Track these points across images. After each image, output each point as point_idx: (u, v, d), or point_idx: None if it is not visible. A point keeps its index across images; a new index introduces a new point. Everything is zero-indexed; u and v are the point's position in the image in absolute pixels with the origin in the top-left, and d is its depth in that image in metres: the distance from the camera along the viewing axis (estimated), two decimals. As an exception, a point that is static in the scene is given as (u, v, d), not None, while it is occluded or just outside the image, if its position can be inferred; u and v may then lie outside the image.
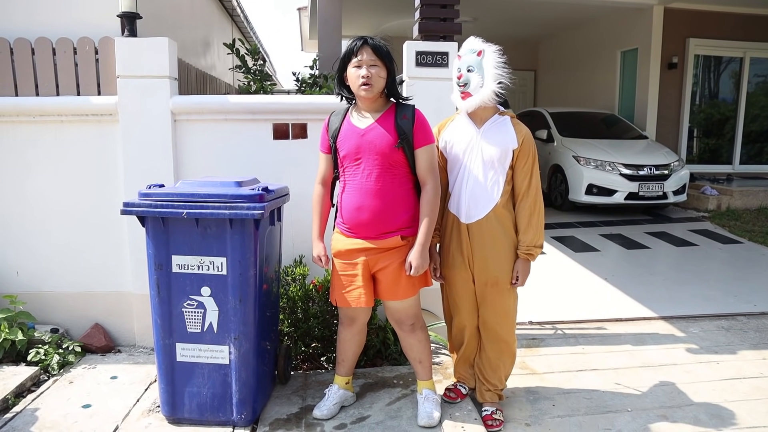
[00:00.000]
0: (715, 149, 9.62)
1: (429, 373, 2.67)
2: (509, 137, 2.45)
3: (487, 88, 2.39)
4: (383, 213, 2.36)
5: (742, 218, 7.13)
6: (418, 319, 2.58)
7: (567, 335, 3.71)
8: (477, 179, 2.47)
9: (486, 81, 2.39)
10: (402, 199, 2.39)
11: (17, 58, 3.30)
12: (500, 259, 2.49)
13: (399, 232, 2.39)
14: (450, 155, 2.56)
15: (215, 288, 2.41)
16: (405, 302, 2.48)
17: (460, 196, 2.52)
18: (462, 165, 2.51)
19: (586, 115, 8.99)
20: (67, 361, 3.12)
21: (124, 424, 2.54)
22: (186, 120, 3.26)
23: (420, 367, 2.65)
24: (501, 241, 2.49)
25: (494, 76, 2.40)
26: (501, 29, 11.48)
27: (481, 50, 2.42)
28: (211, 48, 7.15)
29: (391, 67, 2.37)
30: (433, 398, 2.61)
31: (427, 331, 2.66)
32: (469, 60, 2.42)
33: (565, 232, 6.54)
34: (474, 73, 2.39)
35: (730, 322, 3.93)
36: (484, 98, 2.41)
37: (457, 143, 2.52)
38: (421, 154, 2.37)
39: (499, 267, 2.50)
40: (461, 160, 2.51)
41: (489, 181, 2.46)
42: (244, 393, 2.49)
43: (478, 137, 2.48)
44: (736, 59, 9.40)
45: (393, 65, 2.38)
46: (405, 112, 2.37)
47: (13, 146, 3.30)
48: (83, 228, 3.36)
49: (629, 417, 2.71)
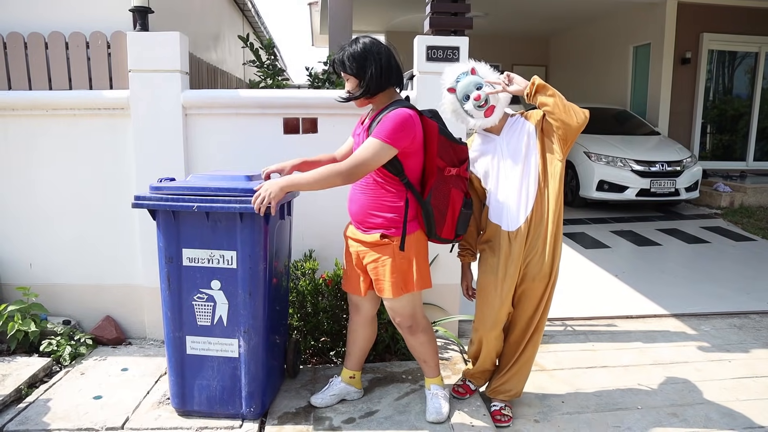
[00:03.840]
0: (728, 145, 9.52)
1: (436, 371, 2.65)
2: (526, 128, 2.45)
3: (502, 94, 2.40)
4: (366, 208, 2.38)
5: (755, 215, 7.06)
6: (416, 321, 2.52)
7: (577, 332, 3.69)
8: (512, 184, 2.46)
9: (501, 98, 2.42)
10: (385, 198, 2.36)
11: (31, 53, 3.33)
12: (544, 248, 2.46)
13: (380, 230, 2.37)
14: (480, 171, 2.56)
15: (225, 281, 2.42)
16: (394, 302, 2.45)
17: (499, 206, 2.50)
18: (495, 176, 2.50)
19: (597, 110, 8.86)
20: (78, 352, 3.15)
21: (135, 415, 2.56)
22: (197, 114, 3.27)
23: (425, 366, 2.65)
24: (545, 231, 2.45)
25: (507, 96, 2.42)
26: (512, 24, 11.41)
27: (472, 68, 2.42)
28: (222, 42, 7.17)
29: (361, 73, 2.29)
30: (441, 394, 2.61)
31: (430, 333, 2.60)
32: (471, 81, 2.40)
33: (576, 228, 6.51)
34: (484, 88, 2.39)
35: (743, 320, 3.89)
36: (504, 103, 2.43)
37: (485, 157, 2.52)
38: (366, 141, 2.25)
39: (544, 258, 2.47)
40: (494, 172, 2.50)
41: (523, 182, 2.45)
42: (253, 386, 2.50)
43: (502, 144, 2.48)
44: (751, 54, 9.28)
45: (362, 70, 2.28)
46: (385, 113, 2.29)
47: (26, 140, 3.32)
48: (95, 221, 3.39)
49: (639, 415, 2.69)
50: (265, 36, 10.98)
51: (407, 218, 2.36)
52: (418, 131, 2.30)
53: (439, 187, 2.36)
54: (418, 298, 2.52)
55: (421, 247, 2.44)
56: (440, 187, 2.36)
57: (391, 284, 2.38)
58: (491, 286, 2.52)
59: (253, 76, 4.14)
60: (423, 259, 2.45)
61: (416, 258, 2.41)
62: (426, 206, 2.35)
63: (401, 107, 2.28)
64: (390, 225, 2.36)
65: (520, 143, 2.44)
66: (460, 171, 2.41)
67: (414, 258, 2.40)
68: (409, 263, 2.39)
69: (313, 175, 2.24)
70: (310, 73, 4.34)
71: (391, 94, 2.39)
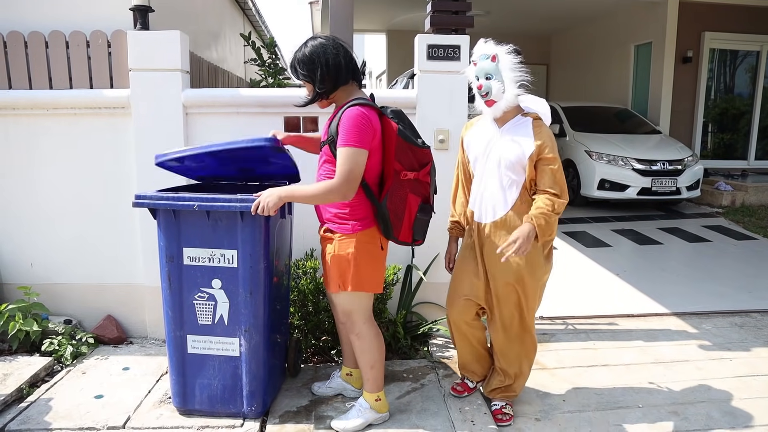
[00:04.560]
0: (729, 144, 9.50)
1: (369, 385, 2.49)
2: (527, 140, 2.37)
3: (509, 92, 2.35)
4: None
5: (756, 214, 7.05)
6: (352, 322, 2.44)
7: (578, 330, 3.69)
8: (492, 181, 2.45)
9: (507, 86, 2.35)
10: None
11: (31, 52, 3.33)
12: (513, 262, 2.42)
13: (327, 224, 2.39)
14: (471, 155, 2.55)
15: (226, 280, 2.43)
16: (332, 296, 2.48)
17: (476, 196, 2.53)
18: (481, 165, 2.50)
19: (598, 109, 8.91)
20: (80, 352, 3.15)
21: (136, 414, 2.57)
22: (198, 113, 3.27)
23: (362, 375, 2.53)
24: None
25: (513, 79, 2.34)
26: (513, 23, 11.40)
27: (494, 54, 2.35)
28: (223, 41, 7.16)
29: (311, 77, 2.30)
30: (361, 410, 2.49)
31: (368, 343, 2.45)
32: (485, 67, 2.36)
33: (577, 227, 6.50)
34: (493, 81, 2.34)
35: (744, 319, 3.89)
36: (509, 103, 2.38)
37: (478, 144, 2.50)
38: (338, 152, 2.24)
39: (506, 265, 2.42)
40: (480, 161, 2.50)
41: (504, 184, 2.43)
42: (255, 385, 2.50)
43: (497, 138, 2.45)
44: (753, 53, 9.26)
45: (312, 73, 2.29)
46: (341, 112, 2.27)
47: (27, 139, 3.32)
48: (96, 221, 3.39)
49: (640, 413, 2.69)
50: (266, 35, 10.98)
51: (356, 217, 2.33)
52: (377, 128, 2.28)
53: (395, 191, 2.32)
54: (359, 300, 2.41)
55: (369, 249, 2.36)
56: (397, 191, 2.32)
57: (330, 278, 2.40)
58: (459, 261, 2.62)
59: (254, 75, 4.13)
60: (368, 261, 2.36)
61: (358, 258, 2.33)
62: (381, 209, 2.30)
63: (353, 105, 2.24)
64: (335, 220, 2.36)
65: (513, 148, 2.39)
66: (419, 175, 2.36)
67: (355, 258, 2.32)
68: (348, 262, 2.33)
69: (312, 190, 2.25)
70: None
71: (349, 91, 2.36)
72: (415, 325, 3.39)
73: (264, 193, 2.25)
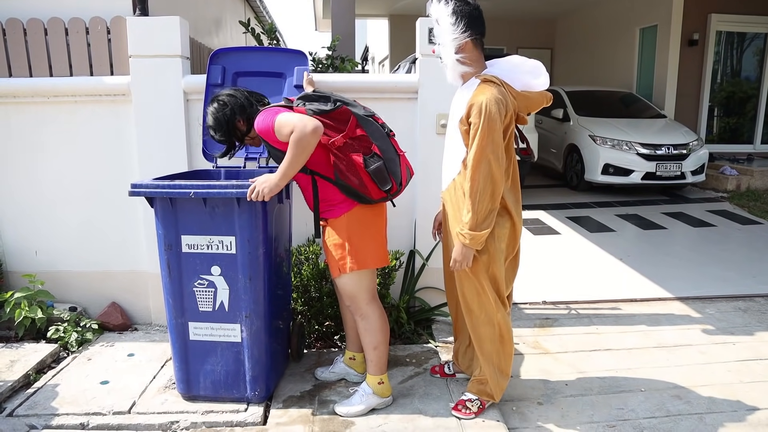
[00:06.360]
0: (735, 128, 9.42)
1: (373, 368, 2.51)
2: (464, 101, 2.21)
3: (447, 59, 2.19)
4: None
5: (762, 199, 7.00)
6: (356, 304, 2.47)
7: (581, 315, 3.69)
8: (447, 146, 2.40)
9: (444, 52, 2.17)
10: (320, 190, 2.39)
11: (30, 39, 3.31)
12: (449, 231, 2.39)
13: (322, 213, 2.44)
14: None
15: (225, 267, 2.43)
16: (336, 280, 2.52)
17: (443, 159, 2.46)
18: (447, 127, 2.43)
19: (603, 93, 8.83)
20: (85, 338, 3.17)
21: (141, 400, 2.59)
22: (198, 99, 3.25)
23: (366, 358, 2.55)
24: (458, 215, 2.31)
25: (450, 43, 2.13)
26: (517, 6, 11.28)
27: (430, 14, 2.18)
28: (224, 27, 7.12)
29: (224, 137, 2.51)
30: (364, 395, 2.51)
31: (372, 324, 2.47)
32: (434, 32, 2.20)
33: (581, 212, 6.48)
34: (438, 46, 2.19)
35: (748, 303, 3.88)
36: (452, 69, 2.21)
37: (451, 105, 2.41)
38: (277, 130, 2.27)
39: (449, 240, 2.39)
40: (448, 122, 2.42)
41: (453, 148, 2.34)
42: (257, 370, 2.51)
43: (454, 98, 2.36)
44: (761, 35, 9.14)
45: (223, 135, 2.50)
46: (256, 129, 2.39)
47: (28, 127, 3.32)
48: (99, 208, 3.39)
49: (642, 397, 2.70)
50: (267, 21, 10.91)
51: (336, 201, 2.38)
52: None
53: (339, 161, 2.28)
54: (359, 281, 2.44)
55: (358, 227, 2.39)
56: (341, 160, 2.27)
57: (330, 264, 2.47)
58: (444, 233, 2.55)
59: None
60: (361, 237, 2.39)
61: (351, 237, 2.38)
62: (341, 184, 2.32)
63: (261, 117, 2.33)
64: (325, 208, 2.42)
65: (455, 112, 2.29)
66: (348, 133, 2.26)
67: (348, 239, 2.37)
68: (342, 245, 2.38)
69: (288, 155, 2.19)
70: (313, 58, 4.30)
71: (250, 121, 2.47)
72: (418, 310, 3.40)
73: (259, 179, 2.28)
